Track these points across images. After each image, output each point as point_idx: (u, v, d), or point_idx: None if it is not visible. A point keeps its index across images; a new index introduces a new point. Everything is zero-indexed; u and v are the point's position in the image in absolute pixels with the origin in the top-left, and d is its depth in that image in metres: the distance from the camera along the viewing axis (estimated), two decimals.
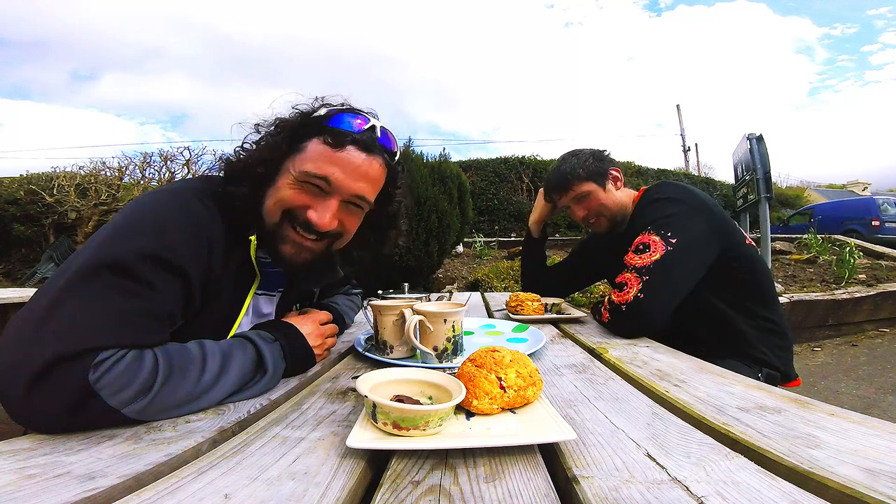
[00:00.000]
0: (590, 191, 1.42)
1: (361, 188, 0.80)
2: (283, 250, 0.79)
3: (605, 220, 1.45)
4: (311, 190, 0.78)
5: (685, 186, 1.32)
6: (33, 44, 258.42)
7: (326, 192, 0.78)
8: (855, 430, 0.51)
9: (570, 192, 1.44)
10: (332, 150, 0.77)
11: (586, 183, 1.42)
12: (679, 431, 0.54)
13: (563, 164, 1.47)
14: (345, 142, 0.78)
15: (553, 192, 1.51)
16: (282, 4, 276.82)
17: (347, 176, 0.78)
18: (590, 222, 1.47)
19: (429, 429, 0.50)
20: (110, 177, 8.01)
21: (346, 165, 0.78)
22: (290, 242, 0.79)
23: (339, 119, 0.80)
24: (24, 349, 0.53)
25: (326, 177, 0.76)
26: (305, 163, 0.77)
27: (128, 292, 0.59)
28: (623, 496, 0.39)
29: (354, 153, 0.78)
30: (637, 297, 1.10)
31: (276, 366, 0.73)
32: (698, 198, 1.27)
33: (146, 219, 0.66)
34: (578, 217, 1.47)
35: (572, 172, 1.43)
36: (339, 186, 0.78)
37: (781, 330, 1.28)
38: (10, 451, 0.49)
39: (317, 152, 0.78)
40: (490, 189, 10.90)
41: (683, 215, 1.21)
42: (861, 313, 4.18)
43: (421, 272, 4.33)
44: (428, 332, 0.84)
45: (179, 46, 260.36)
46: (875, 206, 9.99)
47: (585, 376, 0.79)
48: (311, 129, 0.80)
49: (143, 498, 0.40)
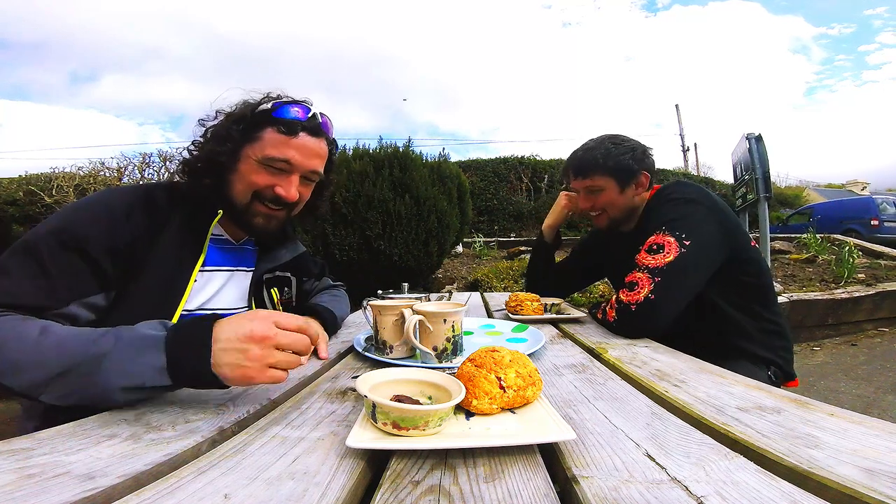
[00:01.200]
0: (605, 187, 1.37)
1: (315, 164, 0.96)
2: (256, 223, 0.95)
3: (606, 218, 1.42)
4: (274, 171, 0.92)
5: (699, 187, 1.30)
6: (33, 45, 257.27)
7: (287, 171, 0.92)
8: (854, 430, 0.51)
9: (586, 179, 1.39)
10: (288, 137, 0.91)
11: (606, 178, 1.36)
12: (678, 431, 0.54)
13: (596, 148, 1.37)
14: (297, 129, 0.92)
15: (570, 169, 1.44)
16: (281, 5, 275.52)
17: (304, 157, 0.93)
18: (592, 215, 1.44)
19: (428, 429, 0.50)
20: (109, 177, 8.00)
21: (302, 148, 0.93)
22: (261, 215, 0.94)
23: (285, 110, 0.92)
24: None
25: (287, 159, 0.91)
26: (266, 149, 0.90)
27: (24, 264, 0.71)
28: (623, 496, 0.39)
29: (306, 138, 0.93)
30: (648, 298, 1.09)
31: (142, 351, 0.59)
32: (712, 199, 1.26)
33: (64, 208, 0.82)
34: (582, 206, 1.44)
35: (597, 162, 1.35)
36: (297, 165, 0.92)
37: (783, 330, 1.28)
38: (9, 450, 0.49)
39: (275, 139, 0.91)
40: (489, 189, 10.90)
41: (698, 217, 1.19)
42: (860, 313, 4.18)
43: (420, 272, 4.33)
44: (427, 332, 0.84)
45: (179, 47, 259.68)
46: (874, 206, 9.99)
47: (585, 376, 0.79)
48: (263, 120, 0.92)
49: (142, 498, 0.39)
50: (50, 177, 7.72)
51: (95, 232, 0.77)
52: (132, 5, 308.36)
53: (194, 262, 0.90)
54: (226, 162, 0.91)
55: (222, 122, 0.94)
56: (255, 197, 0.92)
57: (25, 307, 0.68)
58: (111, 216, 0.80)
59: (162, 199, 0.88)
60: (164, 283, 0.84)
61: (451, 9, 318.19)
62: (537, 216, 10.69)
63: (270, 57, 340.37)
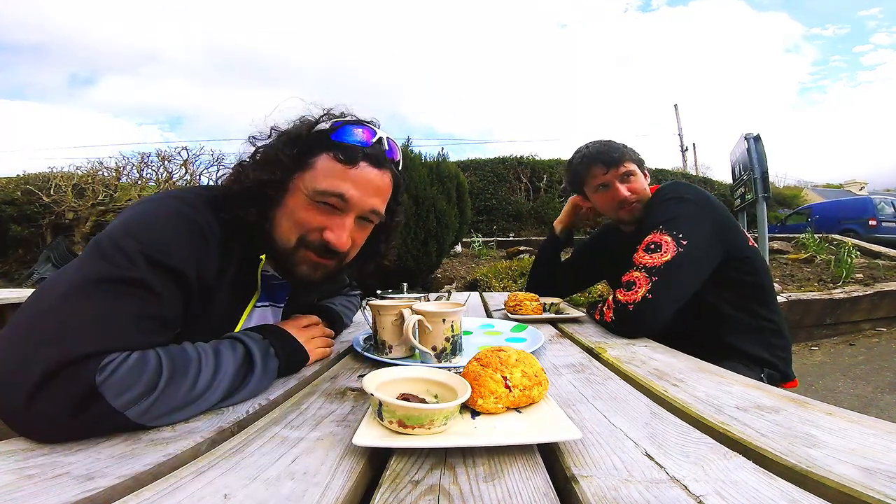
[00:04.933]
0: (636, 172, 1.39)
1: (375, 203, 0.80)
2: (300, 272, 0.79)
3: (640, 206, 1.39)
4: (326, 209, 0.77)
5: (696, 187, 1.31)
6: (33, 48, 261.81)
7: (341, 209, 0.77)
8: (852, 430, 0.51)
9: (622, 166, 1.38)
10: (345, 167, 0.76)
11: (634, 164, 1.39)
12: (677, 431, 0.54)
13: (609, 143, 1.42)
14: (357, 158, 0.77)
15: (600, 164, 1.39)
16: (280, 7, 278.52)
17: (362, 193, 0.77)
18: (630, 204, 1.39)
19: (434, 427, 0.50)
20: (107, 177, 7.98)
21: (360, 181, 0.77)
22: (307, 264, 0.79)
23: (346, 132, 0.78)
24: (24, 354, 0.51)
25: (342, 194, 0.76)
26: (318, 181, 0.76)
27: (126, 296, 0.59)
28: (622, 495, 0.40)
29: (367, 169, 0.78)
30: (646, 298, 1.09)
31: (267, 362, 0.72)
32: (708, 199, 1.27)
33: (138, 222, 0.66)
34: (621, 196, 1.38)
35: (623, 150, 1.39)
36: (354, 203, 0.77)
37: (780, 330, 1.28)
38: (8, 451, 0.49)
39: (329, 169, 0.76)
40: (488, 189, 10.91)
41: (694, 216, 1.20)
42: (858, 312, 4.19)
43: (420, 272, 4.33)
44: (427, 332, 0.84)
45: (178, 48, 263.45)
46: (872, 206, 10.03)
47: (584, 376, 0.79)
48: (318, 144, 0.78)
49: (141, 498, 0.39)
50: (48, 176, 7.71)
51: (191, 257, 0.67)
52: (132, 7, 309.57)
53: (248, 300, 0.83)
54: (273, 194, 0.77)
55: (273, 144, 0.81)
56: (302, 242, 0.77)
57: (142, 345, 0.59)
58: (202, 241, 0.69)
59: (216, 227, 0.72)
60: (220, 319, 0.77)
61: (449, 9, 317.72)
62: (536, 216, 10.70)
63: (269, 58, 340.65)
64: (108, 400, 0.51)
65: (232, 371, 0.65)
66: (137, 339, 0.58)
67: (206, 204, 0.73)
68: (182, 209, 0.70)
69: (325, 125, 0.80)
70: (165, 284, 0.63)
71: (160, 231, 0.65)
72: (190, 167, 8.18)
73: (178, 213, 0.69)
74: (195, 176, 8.61)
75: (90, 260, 0.61)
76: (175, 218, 0.68)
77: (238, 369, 0.66)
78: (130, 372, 0.54)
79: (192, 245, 0.68)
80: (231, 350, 0.68)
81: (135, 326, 0.58)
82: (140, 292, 0.60)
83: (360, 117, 0.83)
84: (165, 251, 0.63)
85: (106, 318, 0.56)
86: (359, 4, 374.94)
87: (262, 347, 0.72)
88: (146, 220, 0.66)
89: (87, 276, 0.58)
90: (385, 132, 0.83)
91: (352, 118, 0.82)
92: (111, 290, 0.58)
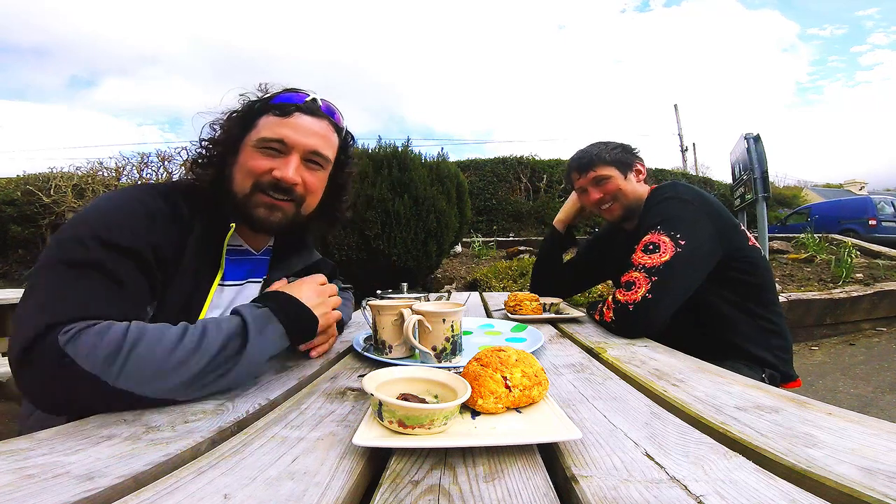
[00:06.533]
0: (610, 175, 1.42)
1: (314, 143, 0.89)
2: (258, 214, 0.87)
3: (620, 206, 1.43)
4: (271, 153, 0.87)
5: (693, 188, 1.32)
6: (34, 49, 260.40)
7: (284, 152, 0.87)
8: (852, 430, 0.51)
9: (591, 172, 1.44)
10: (282, 118, 0.87)
11: (608, 167, 1.42)
12: (677, 431, 0.54)
13: (591, 148, 1.48)
14: (290, 110, 0.88)
15: (574, 171, 1.50)
16: (279, 8, 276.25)
17: (299, 134, 0.87)
18: (603, 207, 1.45)
19: (434, 427, 0.50)
20: (107, 177, 7.99)
21: (296, 126, 0.87)
22: (263, 206, 0.87)
23: (282, 96, 0.90)
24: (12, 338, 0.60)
25: (281, 138, 0.86)
26: (260, 132, 0.87)
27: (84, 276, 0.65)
28: (622, 495, 0.40)
29: (302, 117, 0.89)
30: (645, 298, 1.10)
31: (265, 327, 0.71)
32: (705, 199, 1.27)
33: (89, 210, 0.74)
34: (593, 200, 1.46)
35: (597, 155, 1.44)
36: (293, 144, 0.87)
37: (781, 330, 1.28)
38: (8, 451, 0.49)
39: (269, 122, 0.87)
40: (488, 189, 10.91)
41: (692, 216, 1.20)
42: (858, 312, 4.20)
43: (419, 272, 4.33)
44: (427, 332, 0.84)
45: (178, 49, 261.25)
46: (872, 206, 10.03)
47: (584, 376, 0.79)
48: (261, 109, 0.90)
49: (141, 498, 0.39)
50: (48, 176, 7.71)
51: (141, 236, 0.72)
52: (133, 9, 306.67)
53: (213, 278, 0.85)
54: (226, 154, 0.88)
55: (225, 118, 0.92)
56: (256, 187, 0.86)
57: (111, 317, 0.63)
58: (151, 221, 0.75)
59: (183, 207, 0.82)
60: (186, 297, 0.80)
61: (449, 10, 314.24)
62: (536, 216, 10.70)
63: (268, 59, 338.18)
64: (79, 363, 0.56)
65: (221, 337, 0.66)
66: (102, 310, 0.63)
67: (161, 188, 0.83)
68: (130, 192, 0.79)
69: (266, 95, 0.91)
70: (121, 261, 0.69)
71: (107, 214, 0.73)
72: None
73: (125, 196, 0.77)
74: None
75: (50, 249, 0.68)
76: (120, 201, 0.76)
77: (230, 335, 0.67)
78: (96, 336, 0.59)
79: (139, 223, 0.74)
80: (222, 320, 0.70)
81: (97, 299, 0.64)
82: (97, 272, 0.66)
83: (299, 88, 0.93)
84: (115, 231, 0.70)
85: (68, 294, 0.63)
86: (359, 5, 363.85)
87: (258, 313, 0.72)
88: (95, 207, 0.75)
89: (48, 262, 0.66)
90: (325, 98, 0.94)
91: (290, 88, 0.93)
92: (72, 272, 0.65)
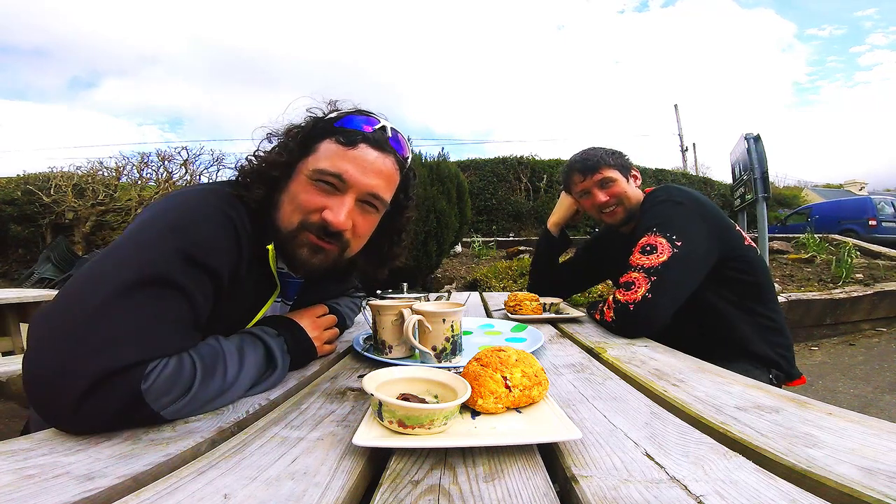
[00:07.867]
0: (615, 178, 1.43)
1: (375, 185, 0.79)
2: (300, 254, 0.79)
3: (623, 210, 1.44)
4: (326, 189, 0.77)
5: (687, 190, 1.33)
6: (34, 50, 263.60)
7: (340, 189, 0.77)
8: (853, 430, 0.51)
9: (597, 174, 1.43)
10: (345, 148, 0.77)
11: (613, 169, 1.43)
12: (677, 431, 0.54)
13: (590, 151, 1.48)
14: (356, 140, 0.78)
15: (578, 172, 1.48)
16: (278, 9, 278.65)
17: (361, 172, 0.77)
18: (607, 210, 1.45)
19: (434, 427, 0.50)
20: (108, 177, 7.99)
21: (359, 162, 0.77)
22: (307, 246, 0.78)
23: (349, 120, 0.80)
24: (73, 361, 0.52)
25: (340, 173, 0.76)
26: (318, 162, 0.77)
27: (164, 299, 0.60)
28: (622, 495, 0.40)
29: (366, 150, 0.78)
30: (645, 297, 1.11)
31: (284, 360, 0.76)
32: (699, 201, 1.29)
33: (180, 216, 0.67)
34: (598, 202, 1.44)
35: (602, 158, 1.44)
36: (352, 182, 0.77)
37: (781, 328, 1.29)
38: (8, 451, 0.49)
39: (329, 151, 0.78)
40: (488, 189, 10.91)
41: (686, 218, 1.22)
42: (858, 313, 4.19)
43: (420, 272, 4.33)
44: (427, 332, 0.84)
45: (179, 49, 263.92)
46: (872, 206, 10.03)
47: (584, 376, 0.79)
48: (323, 131, 0.80)
49: (141, 498, 0.39)
50: (48, 176, 7.71)
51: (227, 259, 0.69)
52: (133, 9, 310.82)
53: (268, 296, 0.83)
54: (279, 177, 0.79)
55: (283, 134, 0.83)
56: (303, 225, 0.77)
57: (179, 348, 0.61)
58: (237, 240, 0.71)
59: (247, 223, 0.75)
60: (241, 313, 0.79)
61: (449, 10, 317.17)
62: (536, 216, 10.70)
63: (269, 59, 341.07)
64: (150, 404, 0.55)
65: (255, 370, 0.70)
66: (175, 342, 0.60)
67: (235, 200, 0.75)
68: (220, 205, 0.71)
69: (332, 115, 0.82)
70: (200, 284, 0.64)
71: (200, 228, 0.66)
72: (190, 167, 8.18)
73: (217, 209, 0.70)
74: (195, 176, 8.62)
75: (130, 252, 0.61)
76: (214, 215, 0.69)
77: (259, 367, 0.71)
78: (169, 378, 0.57)
79: (228, 243, 0.69)
80: (252, 347, 0.72)
81: (172, 331, 0.60)
82: (177, 294, 0.61)
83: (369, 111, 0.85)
84: (205, 250, 0.65)
85: (148, 326, 0.57)
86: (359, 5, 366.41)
87: (279, 345, 0.77)
88: (188, 216, 0.67)
89: (127, 279, 0.58)
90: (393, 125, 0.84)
91: (357, 110, 0.83)
92: (152, 294, 0.59)
